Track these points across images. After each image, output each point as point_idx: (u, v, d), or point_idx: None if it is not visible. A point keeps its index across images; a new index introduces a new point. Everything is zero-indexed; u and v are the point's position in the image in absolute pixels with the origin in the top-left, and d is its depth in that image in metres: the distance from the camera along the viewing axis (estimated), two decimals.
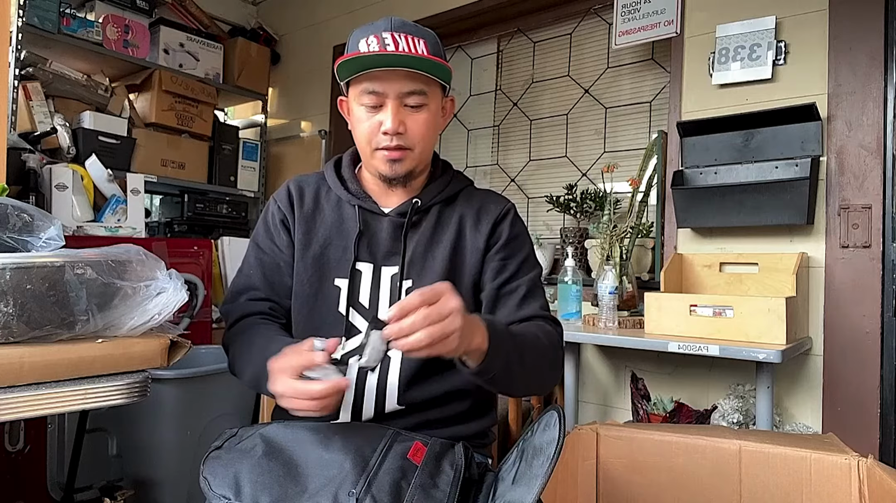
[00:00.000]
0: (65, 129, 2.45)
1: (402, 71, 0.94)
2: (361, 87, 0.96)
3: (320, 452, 0.82)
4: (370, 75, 0.95)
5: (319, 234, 1.04)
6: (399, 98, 0.95)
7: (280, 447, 0.84)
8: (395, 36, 0.95)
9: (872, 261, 1.73)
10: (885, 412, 1.71)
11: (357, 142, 1.02)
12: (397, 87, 0.95)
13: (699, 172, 2.00)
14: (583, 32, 2.58)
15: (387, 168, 0.98)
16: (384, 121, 0.95)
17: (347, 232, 1.03)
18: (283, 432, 0.87)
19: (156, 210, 3.26)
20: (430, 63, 0.95)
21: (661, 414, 1.97)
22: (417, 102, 0.97)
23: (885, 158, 1.74)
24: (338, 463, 0.79)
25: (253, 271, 1.07)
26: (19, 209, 0.98)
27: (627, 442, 1.23)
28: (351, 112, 1.02)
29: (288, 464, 0.81)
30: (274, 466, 0.80)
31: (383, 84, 0.95)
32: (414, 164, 1.00)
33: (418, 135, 0.98)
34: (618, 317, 1.89)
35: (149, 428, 1.79)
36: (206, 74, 3.05)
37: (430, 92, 0.98)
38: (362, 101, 0.97)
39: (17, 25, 2.32)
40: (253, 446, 0.84)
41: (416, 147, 0.98)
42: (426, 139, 1.00)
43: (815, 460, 1.09)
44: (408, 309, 0.72)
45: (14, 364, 0.75)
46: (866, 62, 1.76)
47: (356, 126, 1.00)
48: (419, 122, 0.97)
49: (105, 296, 0.83)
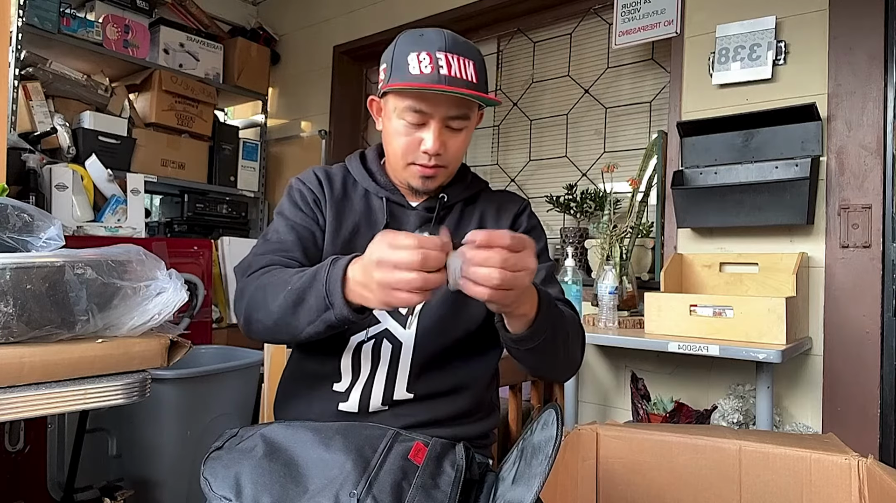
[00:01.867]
0: (65, 129, 2.45)
1: (449, 96, 0.93)
2: (406, 104, 0.94)
3: (321, 452, 0.82)
4: (418, 95, 0.93)
5: (349, 220, 1.02)
6: (443, 121, 0.95)
7: (281, 447, 0.84)
8: (449, 58, 0.93)
9: (872, 262, 1.73)
10: (885, 412, 1.71)
11: (390, 150, 1.01)
12: (444, 111, 0.94)
13: (699, 172, 2.00)
14: (583, 32, 2.58)
15: (419, 183, 0.99)
16: (426, 140, 0.95)
17: (375, 222, 1.03)
18: (283, 432, 0.87)
19: (156, 210, 3.26)
20: (475, 94, 0.94)
21: (661, 414, 1.97)
22: (460, 126, 0.97)
23: (885, 158, 1.74)
24: (339, 463, 0.79)
25: (283, 236, 0.99)
26: (19, 209, 0.98)
27: (627, 442, 1.23)
28: (386, 118, 1.00)
29: (289, 464, 0.81)
30: (275, 467, 0.80)
31: (430, 106, 0.94)
32: (445, 179, 1.02)
33: (455, 154, 0.99)
34: (618, 317, 1.89)
35: (149, 428, 1.80)
36: (206, 74, 3.06)
37: (472, 113, 0.98)
38: (405, 116, 0.95)
39: (17, 25, 2.32)
40: (253, 446, 0.84)
41: (451, 165, 1.00)
42: (460, 156, 1.01)
43: (815, 460, 1.09)
44: (495, 242, 0.70)
45: (14, 364, 0.75)
46: (866, 62, 1.76)
47: (393, 137, 0.98)
48: (458, 142, 0.98)
49: (105, 296, 0.83)
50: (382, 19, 2.96)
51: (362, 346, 0.97)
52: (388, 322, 0.97)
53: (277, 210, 1.05)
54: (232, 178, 3.17)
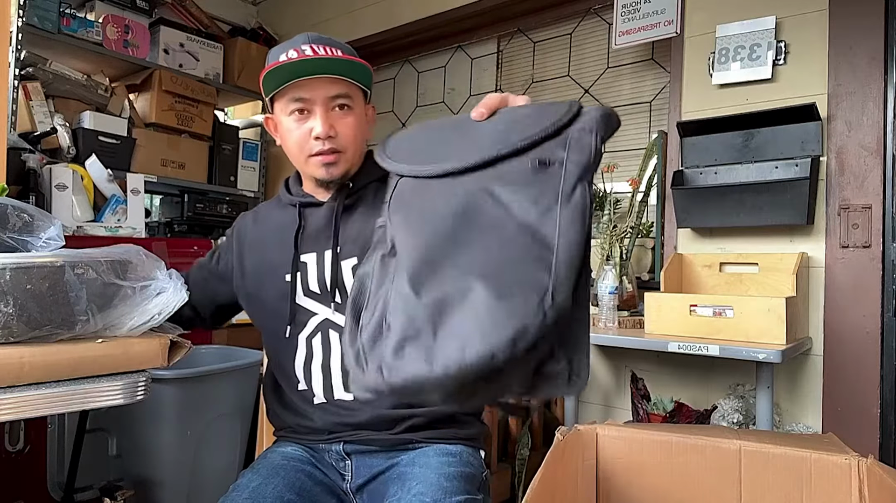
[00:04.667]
0: (65, 129, 2.45)
1: (325, 77, 0.98)
2: (287, 97, 1.00)
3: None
4: (295, 85, 0.98)
5: (255, 244, 1.12)
6: (325, 103, 0.99)
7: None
8: (314, 47, 0.99)
9: (872, 262, 1.73)
10: (885, 412, 1.71)
11: (290, 153, 1.05)
12: (323, 93, 0.98)
13: (699, 172, 2.00)
14: (583, 32, 2.58)
15: (323, 172, 1.02)
16: (314, 126, 0.99)
17: (287, 231, 1.08)
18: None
19: (156, 210, 3.26)
20: (348, 64, 0.99)
21: (661, 414, 1.97)
22: (343, 103, 1.00)
23: (885, 158, 1.74)
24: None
25: (192, 272, 1.17)
26: (19, 209, 0.98)
27: (627, 442, 1.23)
28: (279, 126, 1.06)
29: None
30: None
31: (309, 91, 0.98)
32: (348, 166, 1.04)
33: (349, 137, 1.01)
34: (618, 317, 1.89)
35: (149, 428, 1.79)
36: (206, 74, 3.05)
37: (354, 96, 1.02)
38: (290, 110, 1.01)
39: (17, 25, 2.31)
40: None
41: (349, 149, 1.02)
42: (357, 141, 1.04)
43: (815, 460, 1.09)
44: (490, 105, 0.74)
45: (14, 364, 0.75)
46: (866, 62, 1.76)
47: (287, 137, 1.03)
48: (348, 124, 1.01)
49: (105, 297, 0.83)
50: (382, 19, 2.96)
51: (311, 341, 1.02)
52: (324, 311, 1.02)
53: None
54: (232, 178, 3.17)
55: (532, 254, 0.55)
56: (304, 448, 1.06)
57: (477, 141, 0.68)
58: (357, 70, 1.00)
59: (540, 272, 0.54)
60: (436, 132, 0.78)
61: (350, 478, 1.03)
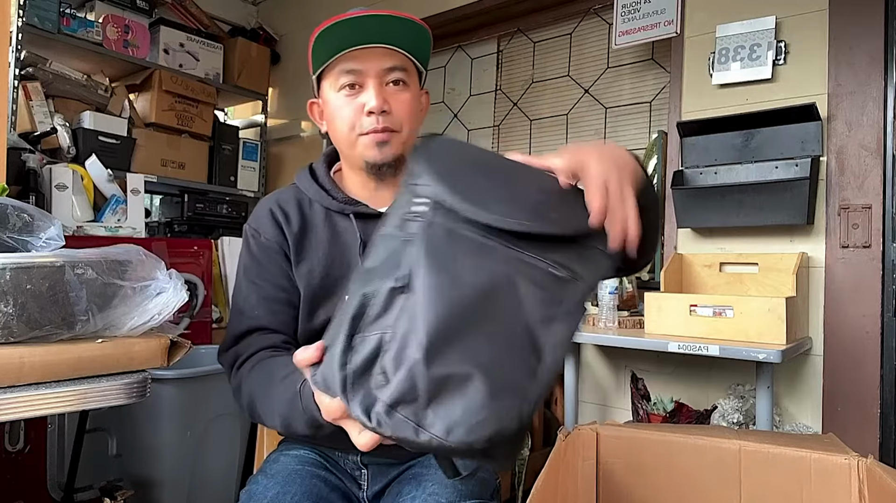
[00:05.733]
0: (65, 129, 2.45)
1: (380, 48, 0.90)
2: (337, 70, 0.92)
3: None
4: (347, 56, 0.90)
5: (317, 256, 0.96)
6: (380, 76, 0.91)
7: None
8: (368, 10, 0.90)
9: (872, 262, 1.73)
10: (885, 412, 1.71)
11: (337, 134, 0.95)
12: (377, 64, 0.90)
13: (699, 172, 2.00)
14: (583, 32, 2.58)
15: (375, 152, 0.92)
16: (367, 101, 0.90)
17: (347, 245, 0.97)
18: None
19: (156, 210, 3.26)
20: (407, 26, 0.89)
21: (661, 414, 1.97)
22: (399, 78, 0.92)
23: (885, 158, 1.74)
24: None
25: (259, 310, 0.95)
26: (19, 209, 0.98)
27: (627, 442, 1.23)
28: (327, 105, 0.97)
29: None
30: None
31: (362, 61, 0.90)
32: (402, 149, 0.94)
33: (404, 114, 0.92)
34: (618, 317, 1.89)
35: (149, 428, 1.80)
36: (206, 74, 3.05)
37: (410, 72, 0.94)
38: (340, 84, 0.92)
39: (17, 25, 2.31)
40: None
41: (404, 129, 0.93)
42: (412, 120, 0.95)
43: (815, 460, 1.09)
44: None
45: (14, 364, 0.75)
46: (866, 62, 1.76)
47: (336, 116, 0.94)
48: (404, 101, 0.92)
49: (105, 297, 0.83)
50: None
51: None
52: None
53: (240, 264, 0.99)
54: (232, 178, 3.17)
55: (526, 360, 0.57)
56: (317, 452, 1.02)
57: (518, 198, 0.66)
58: (415, 35, 0.90)
59: (527, 379, 0.56)
60: (481, 157, 0.74)
61: (366, 486, 1.00)
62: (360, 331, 0.60)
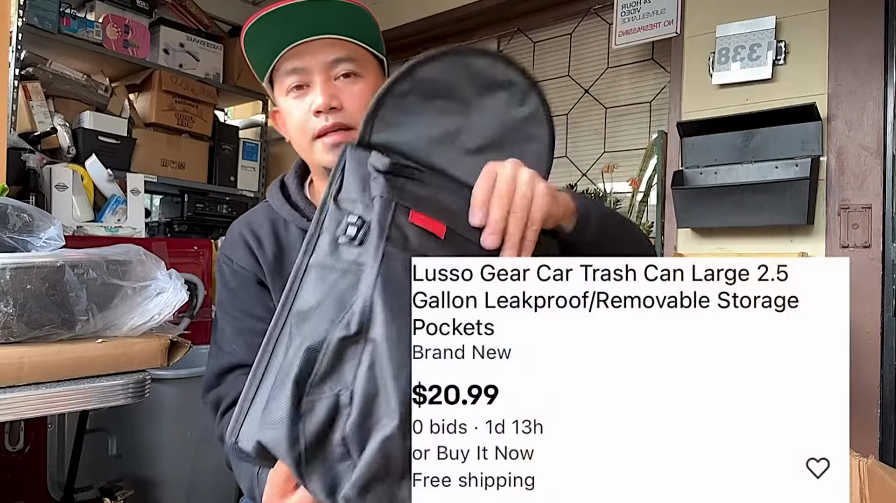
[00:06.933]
0: (65, 129, 2.45)
1: (321, 41, 0.81)
2: (282, 71, 0.83)
3: None
4: (288, 55, 0.82)
5: (282, 273, 0.88)
6: (326, 71, 0.82)
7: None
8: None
9: (872, 261, 1.73)
10: (885, 412, 1.71)
11: (295, 144, 0.88)
12: (321, 59, 0.82)
13: (699, 172, 2.00)
14: (583, 32, 2.58)
15: (331, 157, 0.81)
16: (314, 100, 0.81)
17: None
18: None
19: (156, 210, 3.26)
20: (343, 12, 0.80)
21: None
22: (349, 70, 0.83)
23: (885, 158, 1.74)
24: None
25: (235, 345, 0.87)
26: (19, 209, 0.98)
27: None
28: (283, 114, 0.88)
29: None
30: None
31: (304, 59, 0.82)
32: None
33: (357, 109, 0.80)
34: None
35: (149, 428, 1.80)
36: (206, 74, 3.05)
37: (362, 60, 0.85)
38: (287, 85, 0.83)
39: (17, 25, 2.31)
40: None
41: (357, 123, 0.81)
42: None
43: None
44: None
45: (14, 364, 0.75)
46: (866, 62, 1.76)
47: (290, 122, 0.85)
48: (356, 94, 0.82)
49: (105, 296, 0.83)
50: (382, 20, 2.90)
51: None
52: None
53: (217, 300, 0.91)
54: (232, 178, 3.17)
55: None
56: None
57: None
58: (355, 19, 0.83)
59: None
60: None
61: None
62: (309, 393, 0.51)
